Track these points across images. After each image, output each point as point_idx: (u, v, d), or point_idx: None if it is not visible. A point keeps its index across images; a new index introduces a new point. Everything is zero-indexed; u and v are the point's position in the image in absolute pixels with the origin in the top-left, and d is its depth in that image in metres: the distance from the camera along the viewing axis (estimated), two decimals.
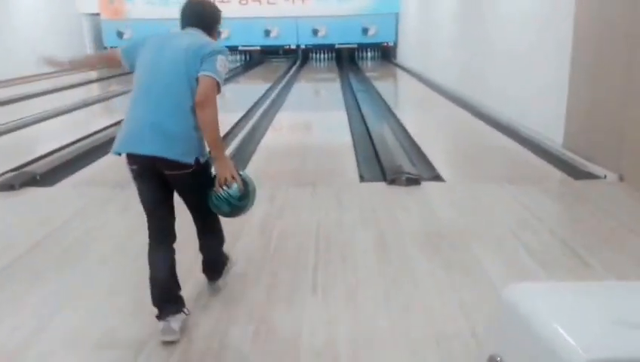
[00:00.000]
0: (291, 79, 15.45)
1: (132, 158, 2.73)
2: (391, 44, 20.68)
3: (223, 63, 2.72)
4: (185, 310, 2.85)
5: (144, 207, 2.84)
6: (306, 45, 21.10)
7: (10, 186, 5.23)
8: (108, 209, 4.75)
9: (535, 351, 1.34)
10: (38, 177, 5.53)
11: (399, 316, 2.99)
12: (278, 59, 21.32)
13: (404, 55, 19.09)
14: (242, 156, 6.35)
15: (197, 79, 2.66)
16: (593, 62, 5.76)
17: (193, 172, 2.73)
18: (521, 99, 7.81)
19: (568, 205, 4.94)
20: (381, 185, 5.25)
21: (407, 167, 5.64)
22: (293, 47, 21.23)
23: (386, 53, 20.89)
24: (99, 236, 4.17)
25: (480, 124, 8.30)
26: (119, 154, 2.77)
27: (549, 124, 6.71)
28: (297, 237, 4.05)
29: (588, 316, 1.47)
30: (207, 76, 2.65)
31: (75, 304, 3.18)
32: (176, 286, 2.87)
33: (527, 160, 6.23)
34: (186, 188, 2.84)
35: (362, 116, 9.06)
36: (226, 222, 3.11)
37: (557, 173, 5.64)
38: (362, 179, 5.54)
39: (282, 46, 21.35)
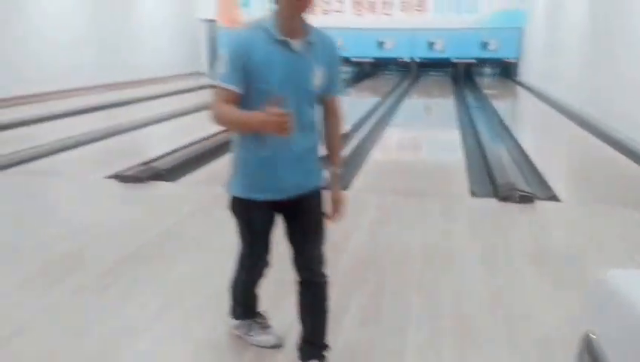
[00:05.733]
0: (403, 94, 15.78)
1: None
2: (513, 60, 20.41)
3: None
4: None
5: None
6: (420, 58, 21.20)
7: (138, 179, 6.01)
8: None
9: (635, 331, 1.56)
10: (163, 173, 6.32)
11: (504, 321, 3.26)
12: (391, 72, 21.55)
13: (527, 73, 18.87)
14: (348, 171, 6.62)
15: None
16: None
17: None
18: None
19: None
20: (492, 202, 5.46)
21: (522, 185, 5.80)
22: (407, 60, 21.41)
23: (506, 70, 20.55)
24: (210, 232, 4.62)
25: (605, 148, 8.32)
26: None
27: None
28: (401, 248, 4.38)
29: None
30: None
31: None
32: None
33: None
34: None
35: (477, 134, 9.24)
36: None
37: None
38: (473, 194, 5.78)
39: (395, 59, 21.55)
